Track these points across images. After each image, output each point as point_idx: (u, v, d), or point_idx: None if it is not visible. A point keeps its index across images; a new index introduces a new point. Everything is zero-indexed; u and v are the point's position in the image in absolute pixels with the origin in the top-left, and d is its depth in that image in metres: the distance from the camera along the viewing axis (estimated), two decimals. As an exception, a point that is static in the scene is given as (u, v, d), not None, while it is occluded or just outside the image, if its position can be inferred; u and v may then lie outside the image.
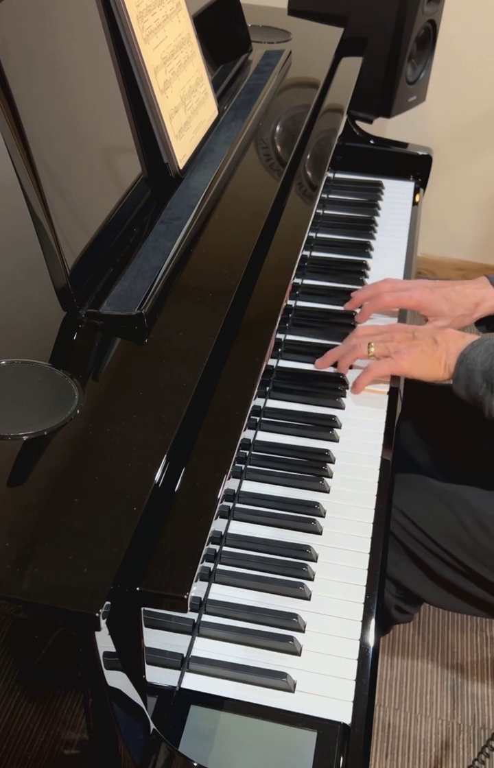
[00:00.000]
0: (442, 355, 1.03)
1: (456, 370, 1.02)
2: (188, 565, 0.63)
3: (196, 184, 0.99)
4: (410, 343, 1.06)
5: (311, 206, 1.12)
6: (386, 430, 1.06)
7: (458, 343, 1.04)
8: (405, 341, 1.06)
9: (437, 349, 1.04)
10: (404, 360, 1.04)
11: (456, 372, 1.02)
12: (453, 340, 1.04)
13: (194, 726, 0.74)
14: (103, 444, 0.68)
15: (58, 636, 0.60)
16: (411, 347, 1.05)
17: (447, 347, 1.04)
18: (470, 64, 2.23)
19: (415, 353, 1.04)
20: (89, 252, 0.83)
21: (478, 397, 1.00)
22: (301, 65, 1.39)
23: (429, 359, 1.04)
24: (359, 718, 0.76)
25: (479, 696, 1.57)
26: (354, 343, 1.10)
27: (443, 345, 1.04)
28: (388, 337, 1.08)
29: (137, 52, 0.94)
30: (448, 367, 1.03)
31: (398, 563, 1.10)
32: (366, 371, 1.08)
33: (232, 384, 0.79)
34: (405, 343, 1.06)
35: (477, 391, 0.99)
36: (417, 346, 1.05)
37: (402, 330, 1.08)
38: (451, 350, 1.03)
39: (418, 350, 1.04)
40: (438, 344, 1.04)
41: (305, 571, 0.87)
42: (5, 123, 0.73)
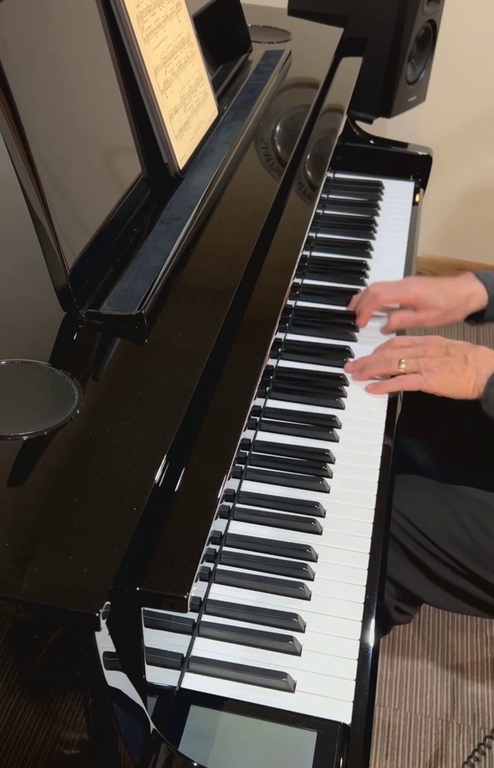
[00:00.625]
0: (472, 375, 1.04)
1: (487, 391, 1.03)
2: (188, 565, 0.63)
3: (196, 184, 0.99)
4: (441, 361, 1.05)
5: (311, 206, 1.12)
6: (386, 430, 1.06)
7: (490, 363, 1.04)
8: (436, 358, 1.06)
9: (466, 369, 1.04)
10: (433, 379, 1.05)
11: (485, 393, 1.03)
12: (484, 360, 1.04)
13: (194, 726, 0.74)
14: (103, 444, 0.68)
15: (58, 636, 0.60)
16: (441, 365, 1.05)
17: (477, 367, 1.04)
18: (470, 64, 2.23)
19: (445, 372, 1.04)
20: (89, 252, 0.83)
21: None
22: (301, 65, 1.39)
23: (458, 379, 1.04)
24: (359, 718, 0.76)
25: (479, 696, 1.57)
26: (388, 355, 1.09)
27: (473, 364, 1.04)
28: (421, 352, 1.07)
29: (137, 52, 0.94)
30: (477, 387, 1.04)
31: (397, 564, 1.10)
32: (396, 381, 1.08)
33: (232, 384, 0.79)
34: (437, 360, 1.05)
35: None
36: (448, 365, 1.05)
37: (436, 345, 1.07)
38: (481, 370, 1.03)
39: (448, 369, 1.04)
40: (469, 363, 1.04)
41: (305, 571, 0.87)
42: (5, 123, 0.73)
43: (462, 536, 1.06)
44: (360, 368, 1.11)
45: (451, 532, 1.06)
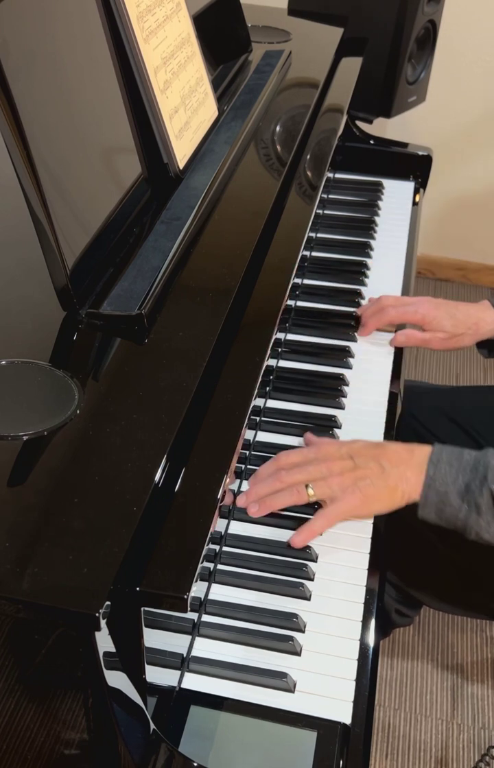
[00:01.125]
0: (397, 483, 0.89)
1: (425, 496, 0.88)
2: (188, 565, 0.63)
3: (196, 184, 0.99)
4: (354, 475, 0.89)
5: (311, 206, 1.13)
6: (386, 430, 1.06)
7: (410, 463, 0.89)
8: (346, 473, 0.89)
9: (388, 479, 0.89)
10: (355, 500, 0.88)
11: (424, 498, 0.89)
12: (404, 462, 0.90)
13: (194, 726, 0.74)
14: (103, 444, 0.68)
15: (58, 636, 0.60)
16: (357, 481, 0.88)
17: (400, 472, 0.89)
18: (470, 64, 2.23)
19: (365, 488, 0.88)
20: (89, 252, 0.83)
21: (458, 520, 0.88)
22: (301, 65, 1.39)
23: (383, 492, 0.89)
24: (360, 718, 0.76)
25: (479, 696, 1.57)
26: (287, 481, 0.90)
27: (394, 471, 0.89)
28: (326, 470, 0.89)
29: (137, 52, 0.94)
30: (406, 495, 0.89)
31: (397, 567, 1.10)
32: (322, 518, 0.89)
33: (232, 384, 0.79)
34: (349, 476, 0.89)
35: (456, 514, 0.88)
36: (364, 479, 0.89)
37: (337, 458, 0.90)
38: (407, 475, 0.89)
39: (367, 483, 0.88)
40: (387, 471, 0.89)
41: (305, 571, 0.87)
42: (5, 123, 0.73)
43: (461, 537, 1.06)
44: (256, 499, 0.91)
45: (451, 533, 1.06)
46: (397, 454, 0.90)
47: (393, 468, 0.89)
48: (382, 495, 0.88)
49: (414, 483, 0.88)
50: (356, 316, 1.22)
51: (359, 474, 0.89)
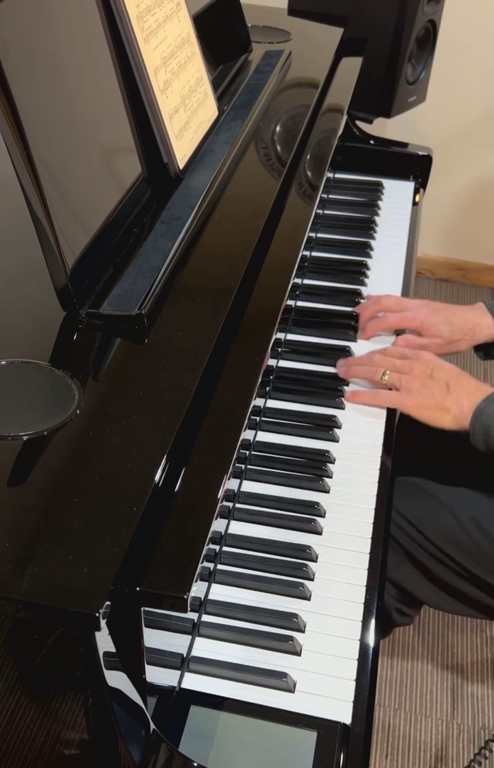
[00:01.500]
0: (451, 406, 1.02)
1: (473, 425, 1.00)
2: (188, 565, 0.63)
3: (196, 184, 0.99)
4: (422, 383, 1.03)
5: (311, 206, 1.13)
6: (386, 430, 1.06)
7: (471, 396, 1.01)
8: (419, 379, 1.04)
9: (447, 398, 1.02)
10: (410, 400, 1.03)
11: (472, 427, 1.00)
12: (466, 393, 1.02)
13: (194, 726, 0.74)
14: (103, 444, 0.68)
15: (58, 636, 0.60)
16: (422, 388, 1.03)
17: (458, 399, 1.02)
18: (470, 64, 2.23)
19: (424, 396, 1.03)
20: (89, 252, 0.83)
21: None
22: (301, 65, 1.39)
23: (436, 407, 1.02)
24: (359, 718, 0.76)
25: (479, 696, 1.57)
26: (375, 361, 1.08)
27: (455, 395, 1.02)
28: (407, 368, 1.05)
29: (137, 52, 0.94)
30: (457, 420, 1.02)
31: (398, 566, 1.10)
32: (373, 395, 1.07)
33: (232, 384, 0.79)
34: (419, 381, 1.04)
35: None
36: (429, 389, 1.03)
37: (423, 364, 1.05)
38: (463, 403, 1.01)
39: (428, 394, 1.02)
40: (450, 393, 1.02)
41: (305, 571, 0.87)
42: (5, 123, 0.73)
43: (462, 538, 1.06)
44: (347, 365, 1.11)
45: (451, 534, 1.06)
46: (467, 385, 1.03)
47: (456, 393, 1.02)
48: (433, 408, 1.02)
49: (465, 412, 1.01)
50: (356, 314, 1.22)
51: (427, 383, 1.03)
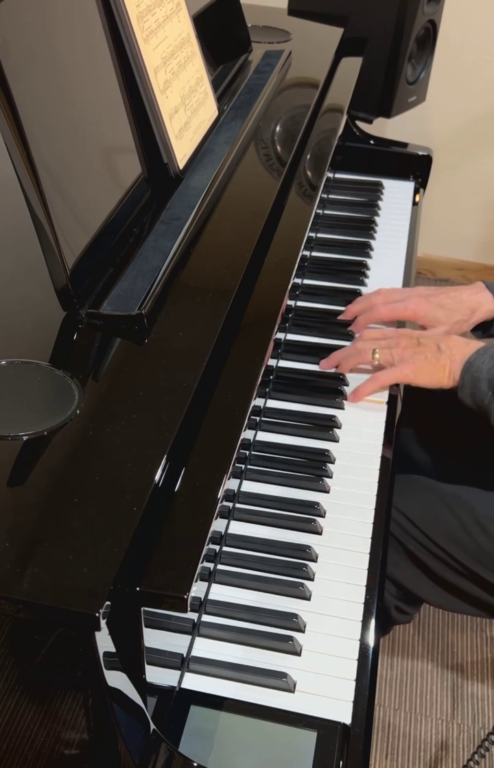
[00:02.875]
0: (446, 362, 1.03)
1: (462, 378, 1.02)
2: (188, 565, 0.63)
3: (196, 184, 0.99)
4: (414, 350, 1.05)
5: (311, 206, 1.13)
6: (386, 430, 1.06)
7: (463, 350, 1.03)
8: (409, 348, 1.06)
9: (441, 357, 1.03)
10: (408, 368, 1.04)
11: (461, 380, 1.02)
12: (457, 348, 1.04)
13: (194, 726, 0.74)
14: (103, 444, 0.68)
15: (58, 636, 0.60)
16: (415, 355, 1.04)
17: (451, 354, 1.03)
18: (470, 64, 2.23)
19: (419, 361, 1.04)
20: (89, 252, 0.83)
21: (483, 404, 1.00)
22: (301, 65, 1.39)
23: (433, 367, 1.03)
24: (360, 718, 0.76)
25: (479, 696, 1.57)
26: (360, 347, 1.09)
27: (447, 352, 1.03)
28: (393, 343, 1.07)
29: (137, 52, 0.94)
30: (452, 375, 1.03)
31: (398, 564, 1.10)
32: (372, 380, 1.07)
33: (232, 384, 0.79)
34: (410, 350, 1.05)
35: (483, 399, 1.00)
36: (421, 354, 1.04)
37: (407, 336, 1.07)
38: (455, 357, 1.03)
39: (422, 358, 1.04)
40: (442, 351, 1.04)
41: (305, 571, 0.87)
42: (5, 123, 0.73)
43: (462, 536, 1.06)
44: (335, 363, 1.11)
45: (451, 532, 1.06)
46: (456, 342, 1.05)
47: (447, 350, 1.03)
48: (432, 369, 1.03)
49: (458, 365, 1.02)
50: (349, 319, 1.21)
51: (418, 350, 1.05)
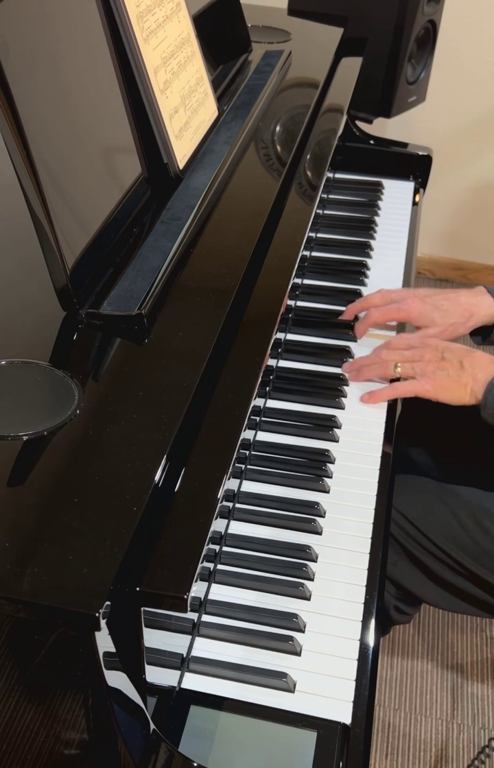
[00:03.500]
0: (468, 381, 1.02)
1: (485, 397, 1.01)
2: (188, 565, 0.63)
3: (196, 184, 0.99)
4: (437, 366, 1.04)
5: (311, 206, 1.13)
6: (386, 430, 1.06)
7: (486, 369, 1.02)
8: (432, 363, 1.05)
9: (463, 375, 1.03)
10: (429, 384, 1.04)
11: (484, 399, 1.01)
12: (481, 366, 1.03)
13: (194, 726, 0.74)
14: (104, 444, 0.68)
15: (58, 636, 0.60)
16: (437, 370, 1.04)
17: (473, 374, 1.02)
18: (470, 64, 2.23)
19: (440, 378, 1.03)
20: (89, 252, 0.83)
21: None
22: (301, 65, 1.39)
23: (455, 385, 1.03)
24: (359, 718, 0.76)
25: (479, 696, 1.57)
26: (384, 358, 1.08)
27: (470, 371, 1.03)
28: (417, 356, 1.06)
29: (137, 52, 0.94)
30: (474, 394, 1.02)
31: (397, 564, 1.10)
32: (391, 389, 1.07)
33: (232, 384, 0.79)
34: (433, 365, 1.04)
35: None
36: (444, 370, 1.03)
37: (432, 349, 1.06)
38: (478, 377, 1.02)
39: (444, 374, 1.03)
40: (465, 369, 1.03)
41: (305, 571, 0.87)
42: (5, 123, 0.73)
43: (462, 536, 1.06)
44: (357, 369, 1.11)
45: (451, 532, 1.06)
46: (480, 359, 1.04)
47: (471, 368, 1.03)
48: (452, 387, 1.03)
49: (481, 385, 1.02)
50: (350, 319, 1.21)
51: (441, 365, 1.04)
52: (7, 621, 0.60)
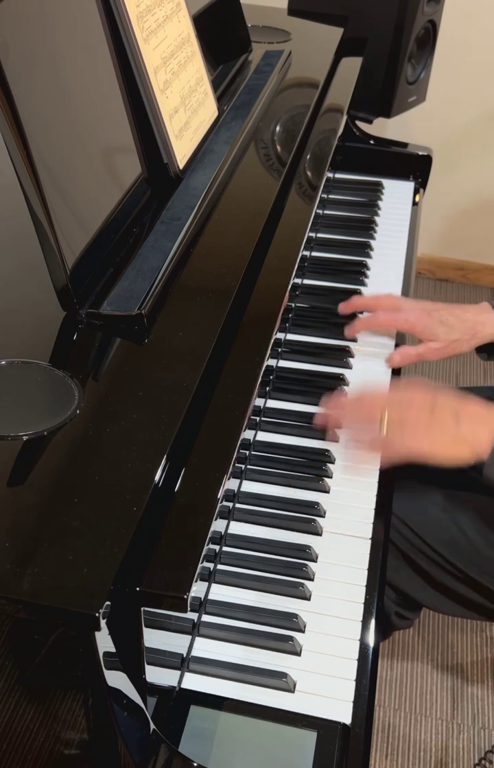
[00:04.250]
0: (468, 435, 0.91)
1: (492, 456, 0.90)
2: (188, 565, 0.63)
3: (196, 184, 0.99)
4: (429, 419, 0.92)
5: (311, 206, 1.12)
6: (386, 430, 1.06)
7: (487, 422, 0.91)
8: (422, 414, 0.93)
9: (460, 429, 0.91)
10: (420, 442, 0.92)
11: (491, 458, 0.90)
12: (480, 419, 0.92)
13: (194, 726, 0.74)
14: (104, 444, 0.68)
15: (58, 636, 0.60)
16: (430, 425, 0.92)
17: (473, 428, 0.91)
18: (470, 64, 2.23)
19: (435, 437, 0.92)
20: (89, 252, 0.83)
21: None
22: (301, 65, 1.39)
23: (450, 442, 0.91)
24: (359, 718, 0.76)
25: (479, 696, 1.57)
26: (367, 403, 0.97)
27: (467, 425, 0.91)
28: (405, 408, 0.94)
29: (137, 52, 0.94)
30: (475, 452, 0.91)
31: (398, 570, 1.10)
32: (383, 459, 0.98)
33: (232, 384, 0.79)
34: (424, 419, 0.93)
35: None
36: (436, 423, 0.92)
37: (420, 399, 0.94)
38: (479, 431, 0.91)
39: (437, 429, 0.92)
40: (461, 423, 0.91)
41: (305, 571, 0.87)
42: (5, 123, 0.73)
43: (461, 542, 1.06)
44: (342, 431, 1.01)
45: (451, 538, 1.06)
46: (475, 412, 0.92)
47: (467, 423, 0.91)
48: (449, 445, 0.91)
49: (484, 441, 0.90)
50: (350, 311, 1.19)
51: (433, 418, 0.92)
52: (7, 621, 0.60)
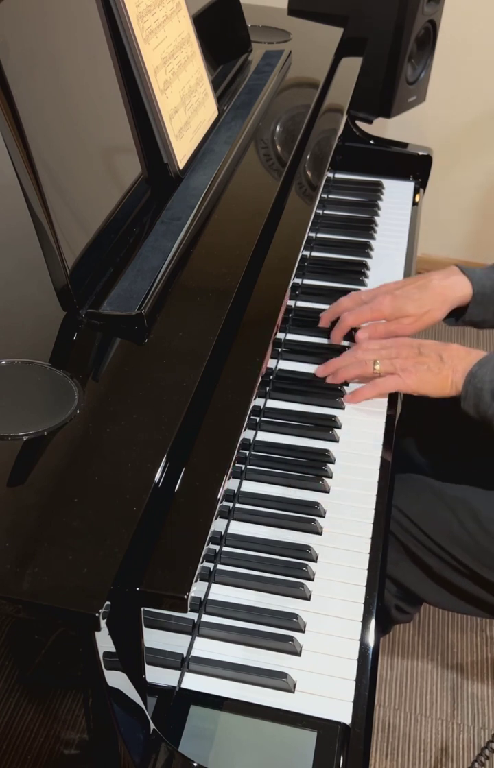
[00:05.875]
0: (449, 373, 1.02)
1: (465, 388, 1.01)
2: (188, 565, 0.63)
3: (196, 184, 0.99)
4: (416, 360, 1.04)
5: (311, 206, 1.13)
6: (386, 430, 1.06)
7: (465, 360, 1.03)
8: (411, 358, 1.04)
9: (443, 367, 1.03)
10: (410, 378, 1.04)
11: (464, 391, 1.01)
12: (459, 357, 1.03)
13: (194, 726, 0.74)
14: (104, 444, 0.68)
15: (58, 636, 0.60)
16: (417, 365, 1.04)
17: (453, 365, 1.02)
18: (470, 64, 2.23)
19: (421, 371, 1.03)
20: (89, 252, 0.83)
21: (487, 415, 1.00)
22: (301, 65, 1.39)
23: (436, 377, 1.03)
24: (359, 718, 0.76)
25: (479, 696, 1.57)
26: (360, 357, 1.07)
27: (449, 362, 1.03)
28: (394, 353, 1.06)
29: (137, 52, 0.94)
30: (455, 385, 1.02)
31: (398, 563, 1.10)
32: (372, 386, 1.06)
33: (232, 384, 0.79)
34: (411, 360, 1.04)
35: (487, 410, 1.00)
36: (423, 364, 1.03)
37: (407, 345, 1.06)
38: (458, 368, 1.02)
39: (424, 368, 1.03)
40: (444, 362, 1.03)
41: (305, 571, 0.87)
42: (5, 123, 0.73)
43: (462, 535, 1.06)
44: (333, 371, 1.09)
45: (452, 531, 1.06)
46: (457, 352, 1.04)
47: (450, 360, 1.03)
48: (434, 380, 1.03)
49: (460, 376, 1.02)
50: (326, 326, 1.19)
51: (420, 360, 1.04)
52: (7, 621, 0.60)
